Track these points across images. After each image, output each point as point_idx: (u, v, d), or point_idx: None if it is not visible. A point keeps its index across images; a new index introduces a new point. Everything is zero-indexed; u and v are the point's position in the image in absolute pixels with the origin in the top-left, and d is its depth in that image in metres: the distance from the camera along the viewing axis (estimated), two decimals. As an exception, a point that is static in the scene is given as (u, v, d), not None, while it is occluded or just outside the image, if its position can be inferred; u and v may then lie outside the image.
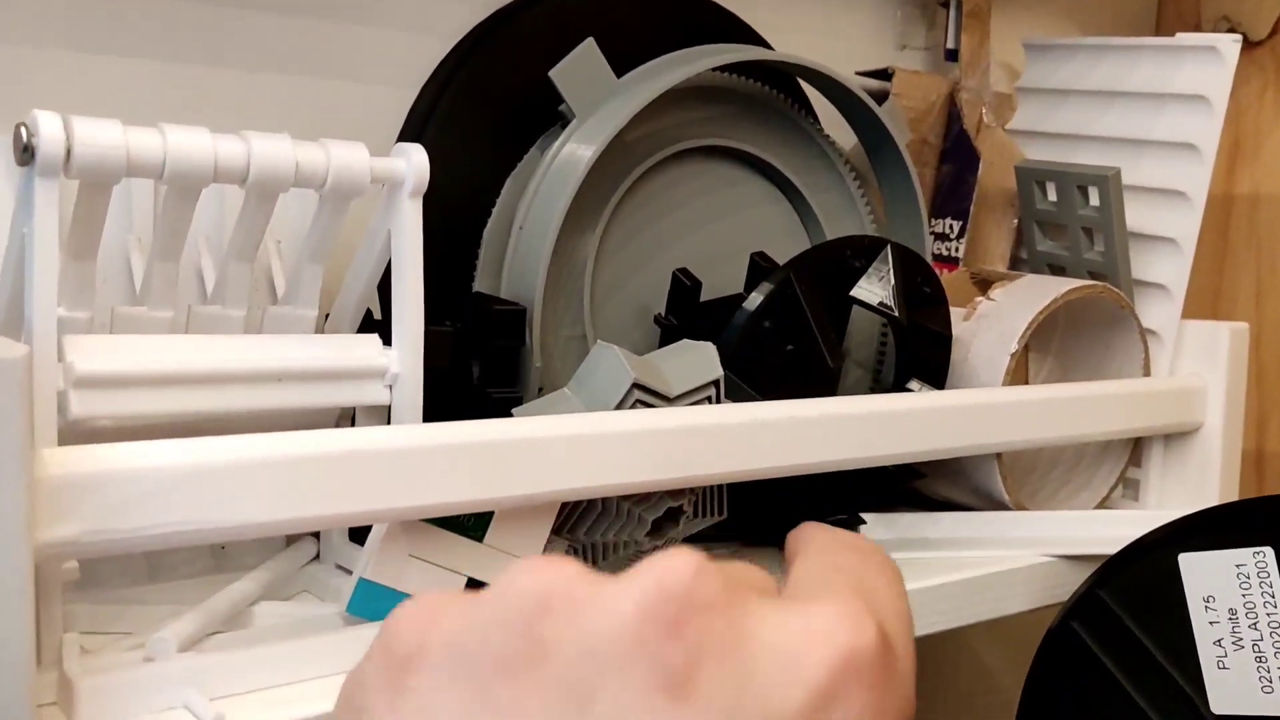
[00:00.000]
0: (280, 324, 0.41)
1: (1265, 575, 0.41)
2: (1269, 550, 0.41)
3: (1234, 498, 0.60)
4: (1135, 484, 0.62)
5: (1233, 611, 0.42)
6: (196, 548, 0.44)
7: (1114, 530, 0.50)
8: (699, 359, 0.43)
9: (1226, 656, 0.43)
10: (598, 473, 0.38)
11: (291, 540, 0.46)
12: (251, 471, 0.31)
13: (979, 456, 0.54)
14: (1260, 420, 0.81)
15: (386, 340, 0.40)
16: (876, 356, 0.58)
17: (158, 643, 0.33)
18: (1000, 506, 0.55)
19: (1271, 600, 0.41)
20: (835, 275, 0.49)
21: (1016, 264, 0.65)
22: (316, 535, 0.46)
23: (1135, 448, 0.61)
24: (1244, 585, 0.42)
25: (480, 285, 0.48)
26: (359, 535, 0.45)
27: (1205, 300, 0.80)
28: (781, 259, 0.48)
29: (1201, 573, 0.43)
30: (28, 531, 0.27)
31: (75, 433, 0.33)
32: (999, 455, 0.53)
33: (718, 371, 0.43)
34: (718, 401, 0.43)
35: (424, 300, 0.39)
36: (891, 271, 0.49)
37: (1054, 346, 0.64)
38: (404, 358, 0.39)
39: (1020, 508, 0.55)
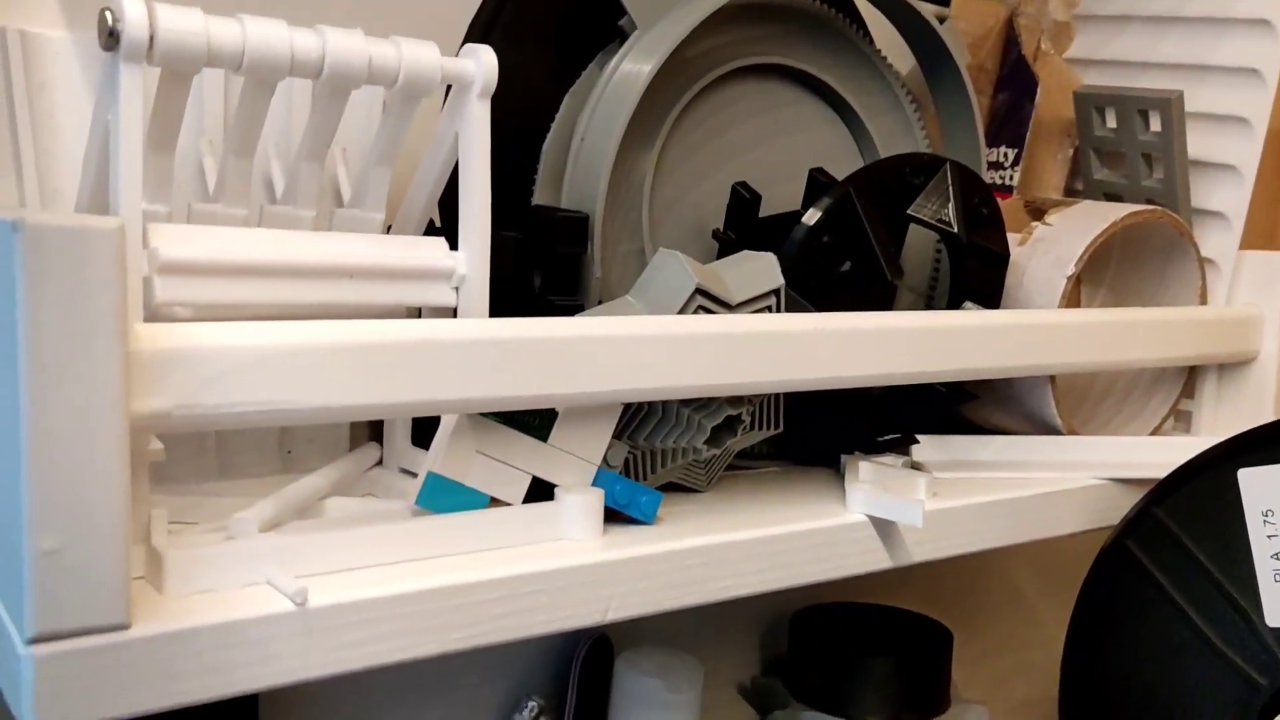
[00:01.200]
0: (348, 226, 0.41)
1: (1326, 488, 0.41)
2: (1330, 463, 0.41)
3: (1203, 444, 0.60)
4: (1187, 416, 0.62)
5: (1291, 525, 0.42)
6: (265, 449, 0.45)
7: (1170, 455, 0.50)
8: (760, 268, 0.43)
9: (1283, 570, 0.43)
10: (659, 374, 0.39)
11: (355, 445, 0.47)
12: (330, 356, 0.32)
13: (1032, 381, 0.54)
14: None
15: (452, 246, 0.40)
16: (929, 281, 0.58)
17: (239, 522, 0.34)
18: (1052, 432, 0.55)
19: (1331, 513, 0.41)
20: (894, 192, 0.49)
21: (1071, 194, 0.65)
22: (380, 441, 0.46)
23: (1188, 379, 0.61)
24: (1304, 499, 0.42)
25: (539, 200, 0.49)
26: (422, 439, 0.46)
27: (1262, 230, 0.79)
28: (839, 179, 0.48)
29: (1261, 487, 0.43)
30: (124, 401, 0.28)
31: (156, 319, 0.34)
32: (1053, 379, 0.53)
33: (779, 280, 0.43)
34: (778, 311, 0.43)
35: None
36: (951, 190, 0.49)
37: (1107, 278, 0.63)
38: (471, 260, 0.40)
39: (1072, 434, 0.55)
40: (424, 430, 0.46)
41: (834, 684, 0.56)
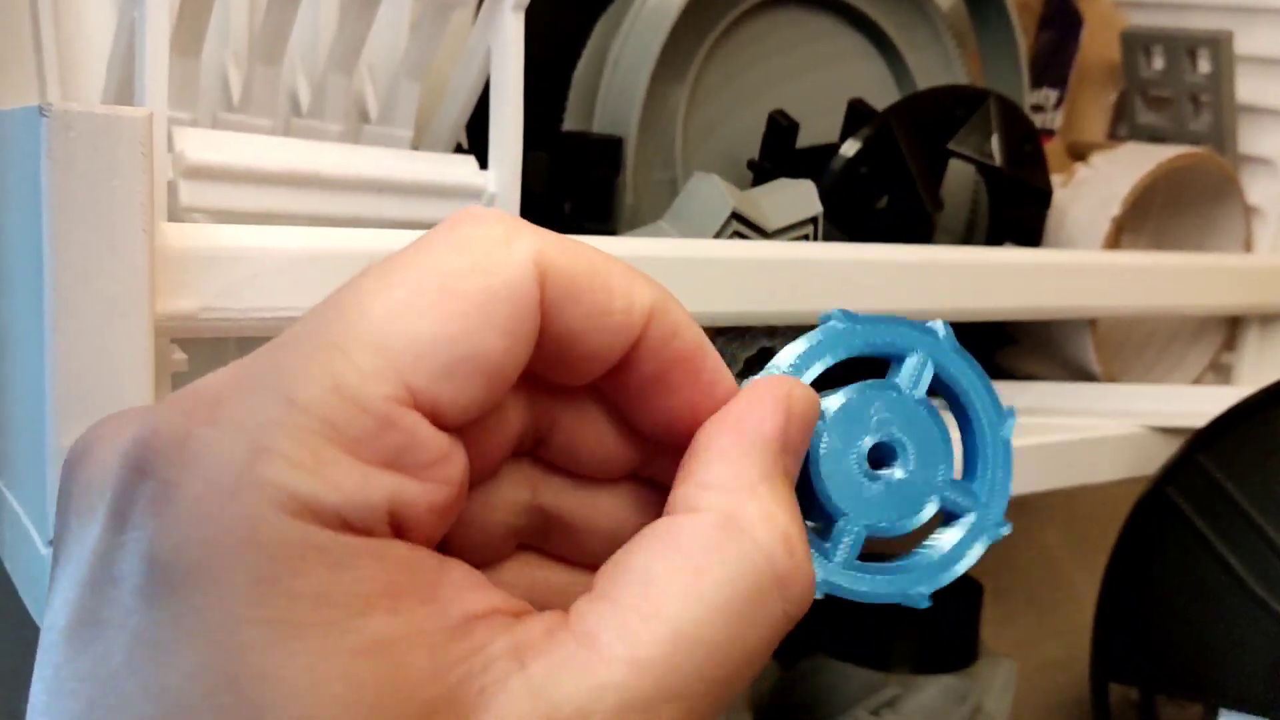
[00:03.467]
0: (375, 144, 0.40)
1: (1380, 431, 0.40)
2: (1386, 404, 0.40)
3: (1243, 393, 0.59)
4: (1227, 369, 0.60)
5: (1342, 470, 0.41)
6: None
7: (1213, 404, 0.48)
8: (798, 195, 0.42)
9: (1332, 515, 0.41)
10: (703, 299, 0.37)
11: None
12: (360, 264, 0.31)
13: (1072, 325, 0.52)
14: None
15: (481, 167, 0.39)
16: (966, 222, 0.56)
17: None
18: (1090, 379, 0.54)
19: (1385, 456, 0.40)
20: (935, 124, 0.47)
21: (1115, 140, 0.63)
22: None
23: (1230, 331, 0.59)
24: (1356, 442, 0.41)
25: (569, 127, 0.48)
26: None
27: None
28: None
29: (1310, 431, 0.42)
30: (150, 298, 0.27)
31: (181, 227, 0.33)
32: (1093, 324, 0.52)
33: (817, 208, 0.42)
34: (815, 239, 0.42)
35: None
36: (994, 124, 0.48)
37: (1149, 224, 0.62)
38: (502, 178, 0.39)
39: (1110, 381, 0.54)
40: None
41: (862, 634, 0.55)
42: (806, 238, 0.42)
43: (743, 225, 0.40)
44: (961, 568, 0.24)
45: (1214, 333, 0.59)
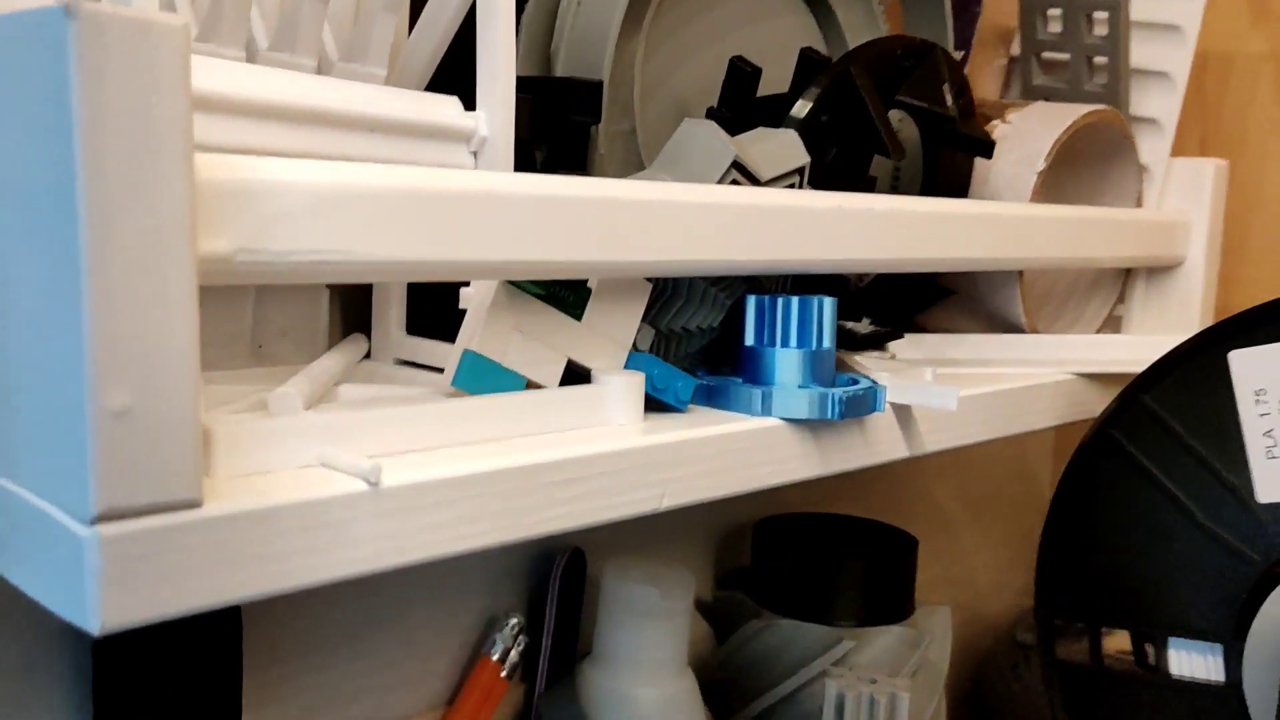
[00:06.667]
0: (348, 80, 0.37)
1: (1321, 363, 0.43)
2: (1327, 338, 0.43)
3: (1181, 337, 0.63)
4: (1117, 320, 0.64)
5: (1284, 402, 0.44)
6: (237, 341, 0.40)
7: (1141, 351, 0.51)
8: (785, 144, 0.41)
9: (1277, 447, 0.44)
10: (705, 245, 0.36)
11: (332, 341, 0.43)
12: (397, 201, 0.28)
13: (1001, 279, 0.54)
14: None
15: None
16: (890, 180, 0.57)
17: (282, 398, 0.30)
18: (1017, 331, 0.55)
19: (1326, 387, 0.43)
20: (884, 75, 0.47)
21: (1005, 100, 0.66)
22: (365, 331, 0.42)
23: (1123, 284, 0.62)
24: (1298, 375, 0.43)
25: (523, 72, 0.45)
26: (418, 328, 0.42)
27: (1192, 137, 0.82)
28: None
29: (1252, 368, 0.45)
30: (193, 236, 0.24)
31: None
32: (1021, 276, 0.54)
33: (805, 157, 0.41)
34: (801, 188, 0.41)
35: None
36: (943, 75, 0.48)
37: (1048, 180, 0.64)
38: (493, 120, 0.36)
39: (1035, 333, 0.55)
40: (420, 319, 0.42)
41: (804, 592, 0.55)
42: (794, 185, 0.41)
43: (740, 174, 0.39)
44: None
45: (1110, 285, 0.62)
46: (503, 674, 0.49)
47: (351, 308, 0.44)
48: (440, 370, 0.40)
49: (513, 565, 0.52)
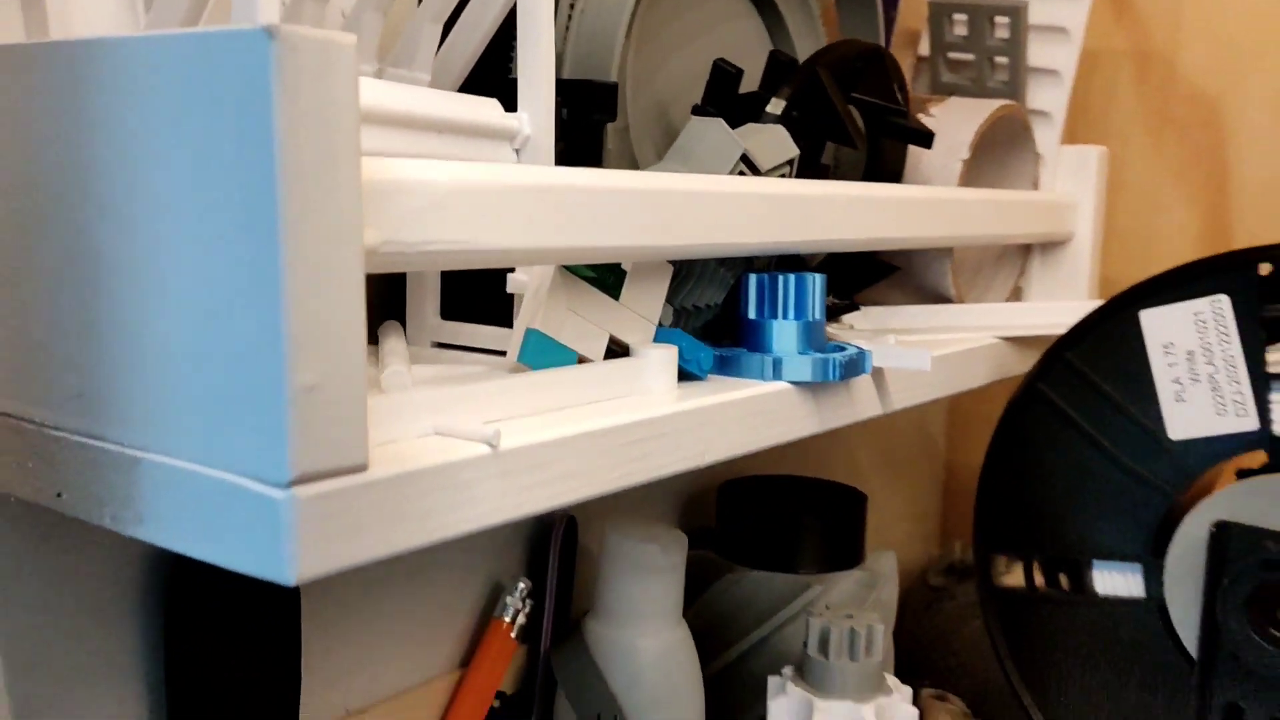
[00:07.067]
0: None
1: (1220, 318, 0.50)
2: (1225, 297, 0.50)
3: (1097, 302, 0.71)
4: (1019, 291, 0.71)
5: (1190, 353, 0.51)
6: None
7: (1058, 316, 0.57)
8: (776, 138, 0.46)
9: (1184, 390, 0.51)
10: (749, 230, 0.41)
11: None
12: (524, 196, 0.32)
13: (933, 255, 0.60)
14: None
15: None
16: (833, 169, 0.62)
17: (395, 376, 0.33)
18: (947, 302, 0.62)
19: (1225, 339, 0.50)
20: (843, 75, 0.52)
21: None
22: (399, 319, 0.45)
23: (1024, 259, 0.70)
24: (1201, 329, 0.51)
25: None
26: (450, 313, 0.45)
27: (1076, 127, 0.90)
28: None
29: (1160, 325, 0.52)
30: (361, 230, 0.27)
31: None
32: (952, 253, 0.60)
33: (795, 150, 0.46)
34: (791, 177, 0.46)
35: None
36: (891, 75, 0.54)
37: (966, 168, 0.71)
38: (536, 120, 0.39)
39: (962, 303, 0.62)
40: (452, 304, 0.45)
41: (772, 545, 0.60)
42: (785, 175, 0.46)
43: (746, 165, 0.43)
44: None
45: (1014, 261, 0.69)
46: (512, 635, 0.52)
47: (378, 296, 0.47)
48: (472, 350, 0.43)
49: (512, 534, 0.56)
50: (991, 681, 0.75)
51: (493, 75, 0.48)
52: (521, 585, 0.52)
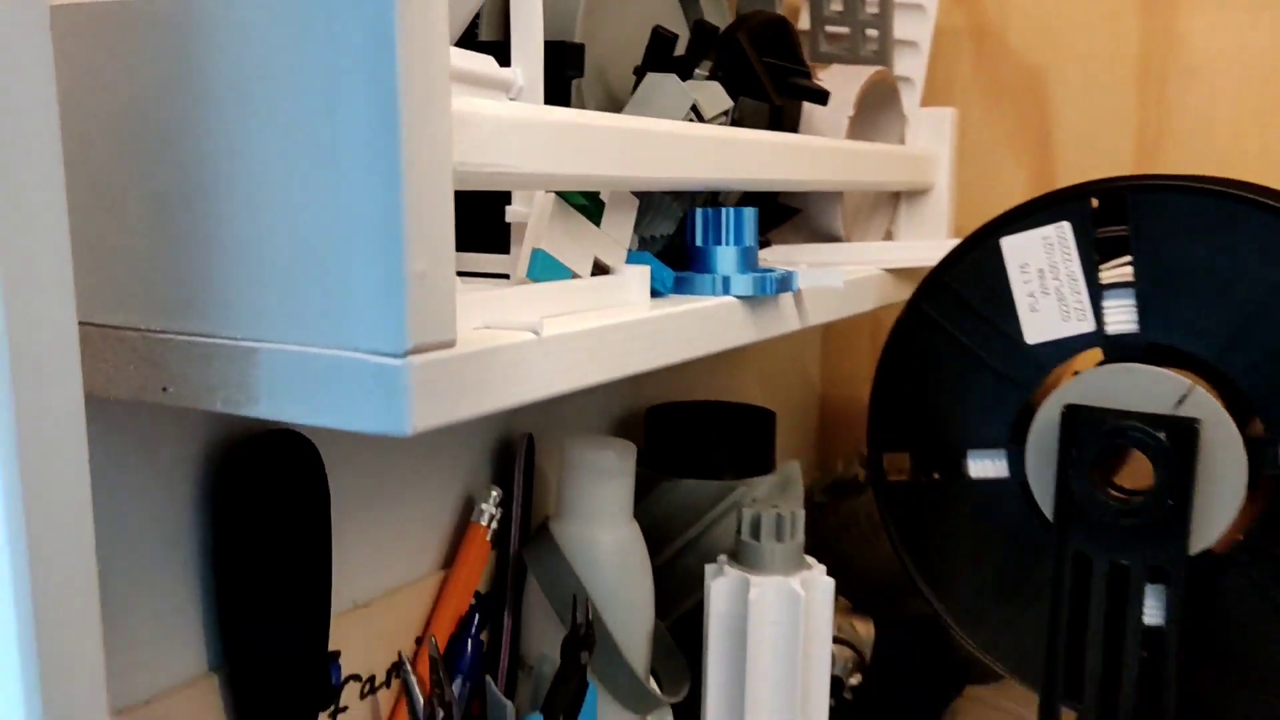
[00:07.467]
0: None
1: (1064, 241, 0.61)
2: (1067, 224, 0.61)
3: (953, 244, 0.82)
4: (890, 234, 0.82)
5: (1041, 271, 0.62)
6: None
7: (934, 252, 0.68)
8: (714, 92, 0.54)
9: (1037, 302, 0.62)
10: (714, 166, 0.49)
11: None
12: (561, 131, 0.39)
13: (826, 200, 0.70)
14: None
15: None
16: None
17: (450, 279, 0.39)
18: (839, 241, 0.71)
19: (1068, 258, 0.61)
20: (757, 41, 0.61)
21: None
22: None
23: (895, 206, 0.80)
24: (1049, 250, 0.62)
25: (486, 36, 0.55)
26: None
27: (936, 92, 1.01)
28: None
29: (1018, 249, 0.62)
30: (450, 148, 0.34)
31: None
32: (842, 198, 0.70)
33: (729, 102, 0.54)
34: (729, 125, 0.54)
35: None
36: (795, 42, 0.63)
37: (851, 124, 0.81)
38: (529, 73, 0.47)
39: (850, 241, 0.72)
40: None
41: (698, 457, 0.69)
42: (722, 123, 0.54)
43: (694, 114, 0.51)
44: None
45: (886, 208, 0.79)
46: (487, 538, 0.59)
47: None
48: (476, 275, 0.50)
49: (480, 452, 0.63)
50: (870, 578, 0.85)
51: (463, 38, 0.54)
52: (495, 493, 0.59)
